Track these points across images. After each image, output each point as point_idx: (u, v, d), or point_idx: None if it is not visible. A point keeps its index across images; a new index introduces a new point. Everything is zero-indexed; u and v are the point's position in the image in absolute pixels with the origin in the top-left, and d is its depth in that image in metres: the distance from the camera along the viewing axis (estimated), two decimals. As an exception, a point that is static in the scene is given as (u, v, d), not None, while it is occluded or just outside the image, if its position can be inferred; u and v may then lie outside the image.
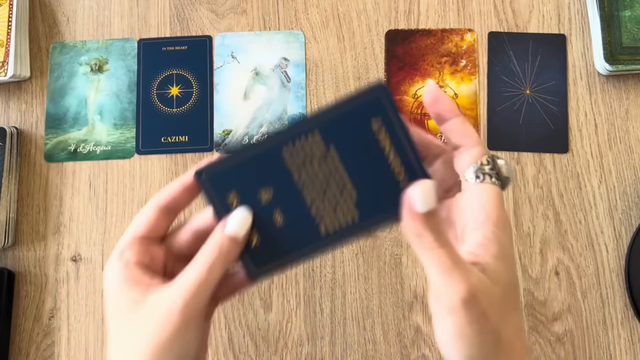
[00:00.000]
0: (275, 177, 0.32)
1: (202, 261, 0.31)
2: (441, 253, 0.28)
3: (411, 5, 0.58)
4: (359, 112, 0.31)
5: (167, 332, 0.29)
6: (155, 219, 0.33)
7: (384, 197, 0.31)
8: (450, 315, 0.28)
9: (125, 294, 0.31)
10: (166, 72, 0.57)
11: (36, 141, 0.57)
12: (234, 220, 0.32)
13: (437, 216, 0.29)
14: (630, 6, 0.55)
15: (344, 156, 0.31)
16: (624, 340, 0.51)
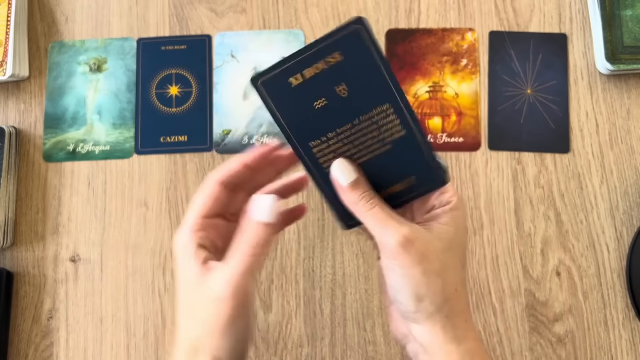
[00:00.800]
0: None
1: (241, 250, 0.34)
2: (375, 211, 0.34)
3: (412, 5, 0.57)
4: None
5: (223, 317, 0.32)
6: (220, 195, 0.35)
7: None
8: (394, 259, 0.33)
9: (192, 269, 0.34)
10: (165, 72, 0.57)
11: (35, 141, 0.56)
12: (261, 205, 0.35)
13: (362, 185, 0.34)
14: (632, 5, 0.55)
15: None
16: (625, 341, 0.51)
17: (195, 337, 0.33)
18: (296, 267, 0.53)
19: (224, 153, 0.56)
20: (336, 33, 0.33)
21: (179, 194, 0.55)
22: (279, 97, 0.34)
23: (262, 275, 0.53)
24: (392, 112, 0.34)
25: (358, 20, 0.32)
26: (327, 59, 0.33)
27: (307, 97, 0.34)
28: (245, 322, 0.34)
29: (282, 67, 0.33)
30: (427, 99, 0.56)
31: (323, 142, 0.35)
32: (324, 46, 0.33)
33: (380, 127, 0.35)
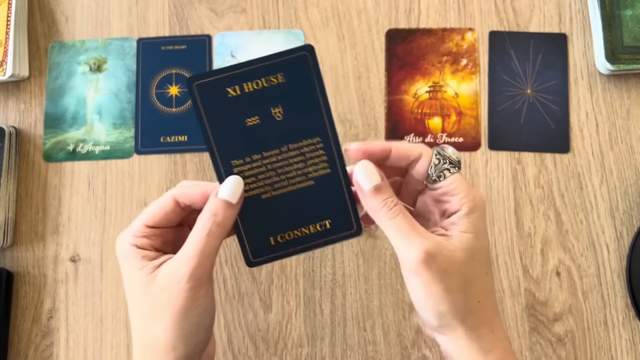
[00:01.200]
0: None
1: (200, 230, 0.32)
2: (398, 220, 0.32)
3: (412, 4, 0.57)
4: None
5: (179, 302, 0.31)
6: (170, 211, 0.35)
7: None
8: (415, 276, 0.32)
9: (139, 270, 0.33)
10: (165, 72, 0.57)
11: (35, 141, 0.56)
12: (227, 184, 0.33)
13: (385, 191, 0.33)
14: (632, 5, 0.55)
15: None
16: (625, 341, 0.51)
17: (149, 332, 0.32)
18: (296, 267, 0.53)
19: (224, 153, 0.56)
20: (284, 54, 0.32)
21: (179, 194, 0.55)
22: (212, 104, 0.33)
23: (262, 275, 0.53)
24: (321, 147, 0.34)
25: (308, 47, 0.33)
26: (270, 77, 0.33)
27: (240, 111, 0.33)
28: (206, 306, 0.32)
29: (223, 74, 0.32)
30: (427, 99, 0.56)
31: (246, 163, 0.34)
32: (270, 64, 0.32)
33: (307, 159, 0.34)
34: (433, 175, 0.34)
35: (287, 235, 0.35)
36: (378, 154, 0.34)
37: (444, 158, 0.34)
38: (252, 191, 0.34)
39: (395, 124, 0.55)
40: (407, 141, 0.55)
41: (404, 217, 0.32)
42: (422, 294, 0.32)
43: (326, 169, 0.34)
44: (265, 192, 0.34)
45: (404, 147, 0.35)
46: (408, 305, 0.52)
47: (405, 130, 0.55)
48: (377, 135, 0.55)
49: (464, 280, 0.32)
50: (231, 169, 0.34)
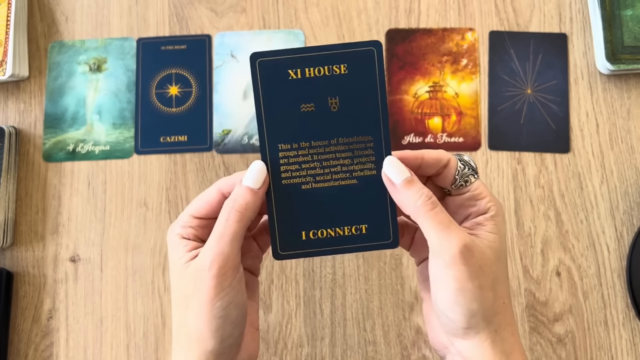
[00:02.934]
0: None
1: (220, 217, 0.33)
2: (436, 213, 0.32)
3: (412, 4, 0.57)
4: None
5: (204, 291, 0.31)
6: (216, 202, 0.35)
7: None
8: (450, 269, 0.31)
9: (179, 259, 0.33)
10: (165, 72, 0.57)
11: (35, 141, 0.56)
12: (249, 171, 0.33)
13: (418, 183, 0.33)
14: (632, 5, 0.55)
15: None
16: (625, 341, 0.51)
17: (184, 322, 0.32)
18: (296, 267, 0.53)
19: (224, 153, 0.55)
20: (352, 46, 0.32)
21: (179, 194, 0.55)
22: (271, 83, 0.33)
23: (262, 275, 0.53)
24: (371, 146, 0.33)
25: (376, 43, 0.32)
26: (333, 66, 0.32)
27: (298, 95, 0.33)
28: (232, 297, 0.32)
29: (287, 55, 0.32)
30: (427, 99, 0.56)
31: (293, 149, 0.33)
32: (336, 53, 0.32)
33: (354, 157, 0.33)
34: (459, 180, 0.35)
35: (320, 232, 0.34)
36: (412, 162, 0.34)
37: (467, 164, 0.35)
38: (293, 179, 0.34)
39: (395, 124, 0.55)
40: (408, 142, 0.55)
41: (442, 210, 0.32)
42: (455, 290, 0.31)
43: (372, 170, 0.33)
44: (306, 182, 0.34)
45: (434, 153, 0.35)
46: (408, 305, 0.52)
47: (405, 130, 0.55)
48: (377, 135, 0.55)
49: (494, 279, 0.32)
50: (277, 151, 0.33)
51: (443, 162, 0.35)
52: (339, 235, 0.34)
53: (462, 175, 0.34)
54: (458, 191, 0.35)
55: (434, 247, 0.32)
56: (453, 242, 0.31)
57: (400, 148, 0.55)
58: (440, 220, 0.32)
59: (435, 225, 0.31)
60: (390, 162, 0.33)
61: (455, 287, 0.31)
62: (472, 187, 0.35)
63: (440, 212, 0.32)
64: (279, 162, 0.33)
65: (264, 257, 0.39)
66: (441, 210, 0.32)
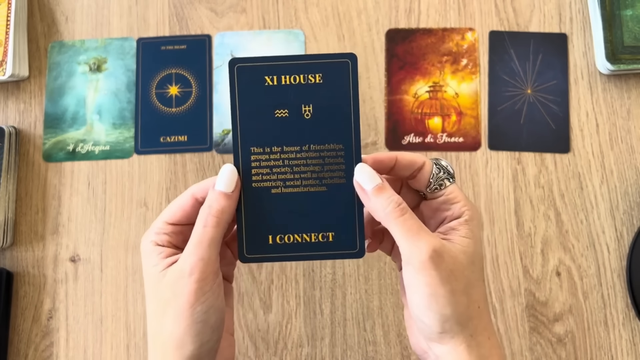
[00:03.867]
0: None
1: (197, 223, 0.33)
2: (405, 220, 0.32)
3: (412, 4, 0.57)
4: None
5: (184, 296, 0.31)
6: (189, 208, 0.35)
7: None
8: (421, 275, 0.31)
9: (153, 267, 0.34)
10: (165, 72, 0.57)
11: (35, 141, 0.56)
12: (220, 175, 0.34)
13: (389, 189, 0.33)
14: (632, 5, 0.55)
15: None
16: (625, 341, 0.51)
17: (160, 330, 0.32)
18: (296, 267, 0.53)
19: (224, 153, 0.55)
20: (327, 57, 0.33)
21: (179, 193, 0.55)
22: (248, 88, 0.34)
23: (262, 275, 0.53)
24: (342, 155, 0.34)
25: (351, 56, 0.33)
26: (308, 75, 0.33)
27: (272, 101, 0.34)
28: (212, 302, 0.32)
29: (264, 62, 0.33)
30: (427, 98, 0.56)
31: (265, 153, 0.34)
32: (312, 63, 0.33)
33: (325, 164, 0.34)
34: (434, 184, 0.35)
35: (287, 237, 0.35)
36: (386, 163, 0.35)
37: (443, 168, 0.35)
38: (264, 182, 0.34)
39: (395, 124, 0.55)
40: (408, 142, 0.55)
41: (411, 216, 0.32)
42: (427, 295, 0.31)
43: (342, 178, 0.34)
44: (276, 186, 0.34)
45: (408, 155, 0.35)
46: (408, 305, 0.52)
47: (405, 130, 0.55)
48: (377, 135, 0.55)
49: (467, 283, 0.32)
50: (249, 155, 0.34)
51: (417, 164, 0.35)
52: (306, 242, 0.34)
53: (437, 179, 0.35)
54: (433, 195, 0.35)
55: (405, 253, 0.32)
56: (422, 247, 0.31)
57: (400, 148, 0.55)
58: (409, 226, 0.32)
59: (405, 231, 0.32)
60: (362, 168, 0.34)
61: (426, 292, 0.31)
62: (447, 190, 0.35)
63: (409, 219, 0.32)
64: (251, 165, 0.34)
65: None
66: (411, 217, 0.32)
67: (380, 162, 0.35)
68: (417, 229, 0.32)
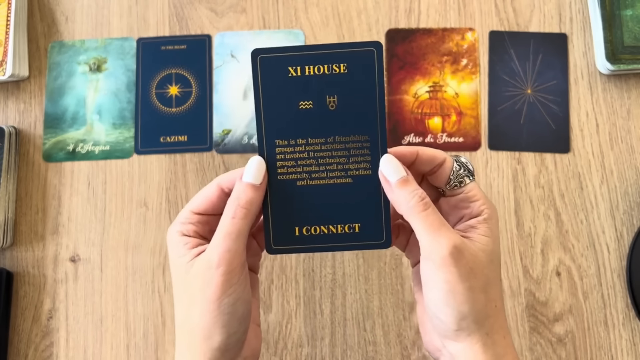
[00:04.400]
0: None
1: (225, 214, 0.33)
2: (427, 214, 0.32)
3: (412, 4, 0.57)
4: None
5: (212, 288, 0.31)
6: (216, 198, 0.35)
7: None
8: (440, 271, 0.31)
9: (180, 258, 0.33)
10: (165, 72, 0.57)
11: (35, 141, 0.56)
12: (248, 167, 0.34)
13: (413, 182, 0.33)
14: (632, 5, 0.55)
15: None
16: (625, 341, 0.51)
17: (188, 320, 0.32)
18: (296, 267, 0.53)
19: (224, 153, 0.55)
20: (352, 46, 0.32)
21: (179, 194, 0.55)
22: (271, 79, 0.33)
23: (262, 275, 0.53)
24: (367, 146, 0.34)
25: (376, 44, 0.33)
26: (333, 65, 0.33)
27: (296, 92, 0.33)
28: (239, 294, 0.32)
29: (287, 52, 0.33)
30: (427, 99, 0.56)
31: (290, 145, 0.34)
32: (336, 53, 0.32)
33: (350, 156, 0.34)
34: (454, 181, 0.35)
35: (314, 229, 0.34)
36: (407, 157, 0.35)
37: (463, 165, 0.35)
38: (289, 175, 0.34)
39: (395, 124, 0.55)
40: (408, 142, 0.55)
41: (434, 211, 0.32)
42: (445, 292, 0.31)
43: (367, 170, 0.34)
44: (301, 179, 0.34)
45: (429, 151, 0.35)
46: (408, 305, 0.52)
47: (405, 130, 0.55)
48: (377, 135, 0.55)
49: (486, 281, 0.32)
50: (274, 147, 0.34)
51: (438, 160, 0.35)
52: (332, 233, 0.34)
53: (457, 176, 0.35)
54: (452, 192, 0.35)
55: (425, 248, 0.32)
56: (443, 243, 0.31)
57: (400, 148, 0.55)
58: (431, 221, 0.32)
59: (427, 226, 0.32)
60: (388, 160, 0.33)
61: (445, 288, 0.31)
62: (466, 188, 0.35)
63: (432, 214, 0.32)
64: (276, 158, 0.34)
65: (264, 257, 0.40)
66: (433, 212, 0.32)
67: (402, 155, 0.34)
68: (438, 224, 0.32)
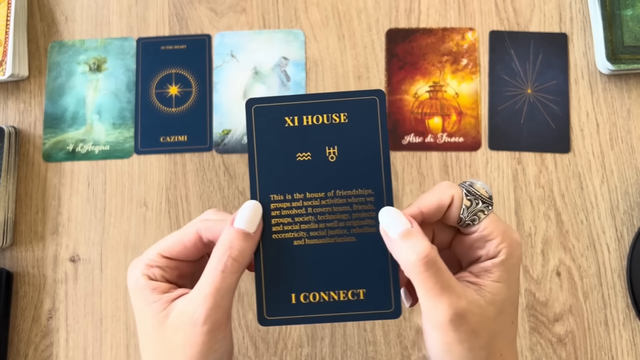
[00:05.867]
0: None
1: (215, 265, 0.29)
2: (428, 276, 0.28)
3: (412, 4, 0.57)
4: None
5: (196, 347, 0.28)
6: (191, 245, 0.31)
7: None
8: (439, 333, 0.28)
9: (151, 305, 0.30)
10: (165, 72, 0.57)
11: (34, 141, 0.56)
12: (243, 212, 0.30)
13: (415, 236, 0.29)
14: (632, 5, 0.55)
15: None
16: (625, 341, 0.51)
17: None
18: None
19: (224, 153, 0.55)
20: (352, 94, 0.31)
21: (179, 194, 0.55)
22: (267, 130, 0.31)
23: (262, 276, 0.52)
24: (372, 201, 0.31)
25: (379, 93, 0.31)
26: (332, 114, 0.31)
27: (294, 143, 0.31)
28: (225, 348, 0.30)
29: (284, 102, 0.31)
30: (427, 98, 0.56)
31: (286, 200, 0.31)
32: (335, 101, 0.31)
33: (353, 211, 0.31)
34: (466, 219, 0.31)
35: (312, 296, 0.31)
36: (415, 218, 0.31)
37: (476, 197, 0.31)
38: (285, 234, 0.31)
39: (395, 124, 0.55)
40: (408, 141, 0.55)
41: (437, 272, 0.28)
42: (441, 351, 0.29)
43: (372, 227, 0.31)
44: (298, 237, 0.31)
45: (431, 200, 0.31)
46: (408, 305, 0.52)
47: (405, 130, 0.55)
48: (377, 135, 0.55)
49: (490, 336, 0.29)
50: (269, 203, 0.31)
51: (445, 205, 0.31)
52: (334, 301, 0.31)
53: (469, 213, 0.31)
54: (466, 230, 0.32)
55: (424, 310, 0.29)
56: (443, 310, 0.28)
57: (400, 148, 0.55)
58: (432, 285, 0.28)
59: (426, 290, 0.28)
60: (387, 212, 0.30)
61: (441, 348, 0.29)
62: (481, 226, 0.31)
63: (433, 276, 0.28)
64: (271, 215, 0.31)
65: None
66: (435, 273, 0.28)
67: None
68: (440, 288, 0.28)
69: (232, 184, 0.55)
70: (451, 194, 0.31)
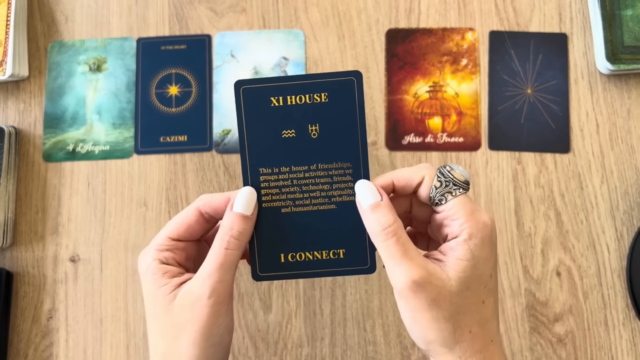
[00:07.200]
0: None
1: (218, 244, 0.32)
2: (389, 244, 0.31)
3: (412, 4, 0.57)
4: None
5: (202, 320, 0.31)
6: (194, 223, 0.35)
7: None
8: (401, 299, 0.31)
9: (161, 288, 0.33)
10: (165, 72, 0.57)
11: (34, 141, 0.56)
12: (240, 197, 0.34)
13: (383, 209, 0.32)
14: (632, 5, 0.55)
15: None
16: (625, 341, 0.51)
17: (172, 353, 0.32)
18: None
19: (224, 153, 0.55)
20: (332, 75, 0.34)
21: (179, 194, 0.55)
22: (254, 110, 0.34)
23: (262, 275, 0.53)
24: (350, 172, 0.34)
25: (356, 73, 0.34)
26: (314, 94, 0.34)
27: (279, 122, 0.34)
28: (227, 324, 0.32)
29: (269, 83, 0.34)
30: (427, 98, 0.56)
31: (274, 173, 0.34)
32: (316, 82, 0.34)
33: (333, 182, 0.34)
34: (435, 198, 0.33)
35: (299, 255, 0.35)
36: (385, 188, 0.34)
37: (448, 179, 0.33)
38: (274, 202, 0.35)
39: (395, 124, 0.55)
40: (408, 141, 0.55)
41: (397, 241, 0.31)
42: (410, 319, 0.32)
43: (351, 196, 0.34)
44: (285, 206, 0.35)
45: (404, 175, 0.34)
46: (408, 305, 0.52)
47: (405, 130, 0.55)
48: (377, 135, 0.55)
49: (455, 310, 0.31)
50: (258, 175, 0.34)
51: (415, 182, 0.34)
52: (317, 259, 0.35)
53: (438, 193, 0.33)
54: (436, 209, 0.34)
55: (389, 276, 0.32)
56: (401, 276, 0.31)
57: (400, 148, 0.55)
58: (392, 252, 0.31)
59: (388, 257, 0.31)
60: (361, 185, 0.33)
61: (409, 316, 0.32)
62: (448, 206, 0.33)
63: (393, 244, 0.31)
64: (260, 186, 0.34)
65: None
66: (396, 242, 0.31)
67: (380, 186, 0.34)
68: (400, 256, 0.31)
69: (232, 184, 0.55)
70: (422, 174, 0.34)
